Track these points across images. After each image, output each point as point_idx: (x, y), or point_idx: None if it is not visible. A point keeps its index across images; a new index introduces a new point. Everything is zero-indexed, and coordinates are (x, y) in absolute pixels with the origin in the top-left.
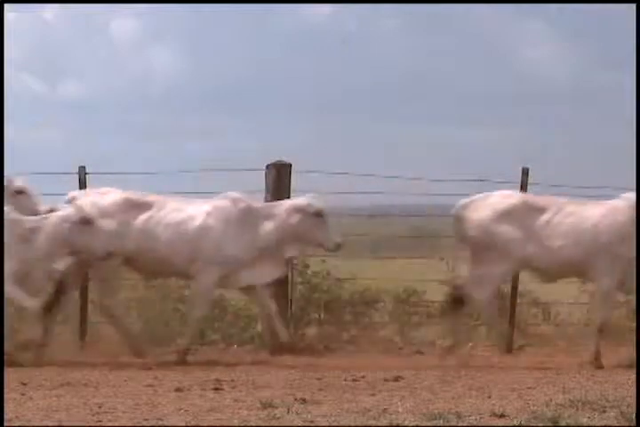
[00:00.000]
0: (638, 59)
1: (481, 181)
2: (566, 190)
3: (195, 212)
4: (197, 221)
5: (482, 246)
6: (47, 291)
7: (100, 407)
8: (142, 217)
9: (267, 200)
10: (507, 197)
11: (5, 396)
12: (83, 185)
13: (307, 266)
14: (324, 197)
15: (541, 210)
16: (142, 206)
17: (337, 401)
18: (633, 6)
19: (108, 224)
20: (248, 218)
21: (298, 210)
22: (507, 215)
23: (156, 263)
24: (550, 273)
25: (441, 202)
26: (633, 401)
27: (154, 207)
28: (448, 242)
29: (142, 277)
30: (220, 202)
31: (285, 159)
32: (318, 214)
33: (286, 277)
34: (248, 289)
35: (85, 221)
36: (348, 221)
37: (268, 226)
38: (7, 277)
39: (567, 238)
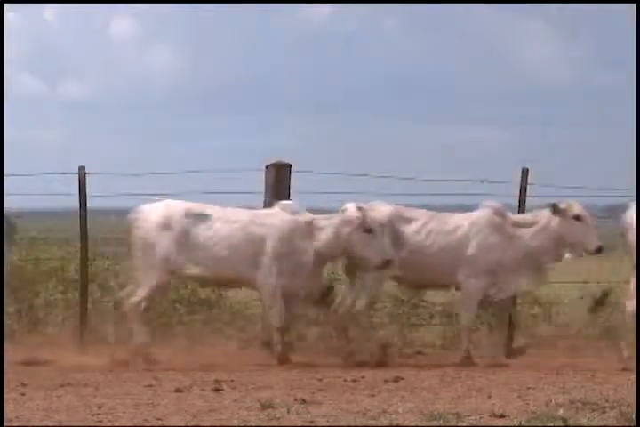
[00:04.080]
0: (638, 59)
1: (481, 181)
2: (566, 190)
3: (460, 222)
4: (462, 231)
5: None
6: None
7: (99, 408)
8: (411, 229)
9: (266, 200)
10: None
11: (5, 396)
12: (83, 185)
13: None
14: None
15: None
16: (409, 219)
17: (337, 401)
18: (633, 6)
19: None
20: (508, 227)
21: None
22: None
23: (423, 273)
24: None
25: (441, 202)
26: (633, 402)
27: (419, 220)
28: None
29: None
30: (482, 212)
31: (285, 159)
32: (578, 218)
33: None
34: None
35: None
36: None
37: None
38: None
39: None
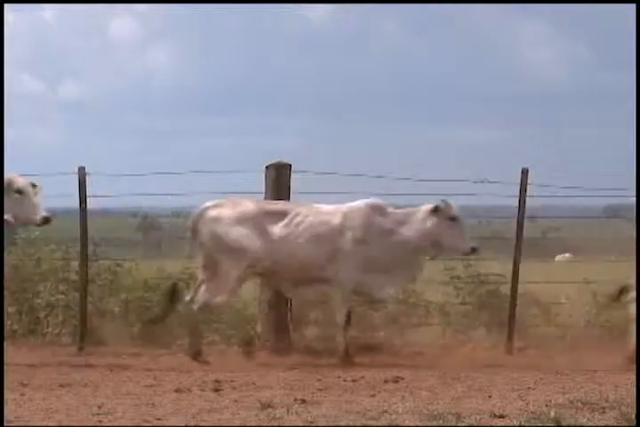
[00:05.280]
0: (638, 59)
1: (481, 181)
2: (566, 190)
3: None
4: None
5: None
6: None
7: (99, 408)
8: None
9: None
10: None
11: (5, 396)
12: (83, 185)
13: None
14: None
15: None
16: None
17: (337, 402)
18: (633, 6)
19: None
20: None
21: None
22: None
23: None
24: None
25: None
26: (633, 402)
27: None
28: None
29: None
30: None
31: (285, 160)
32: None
33: None
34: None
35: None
36: None
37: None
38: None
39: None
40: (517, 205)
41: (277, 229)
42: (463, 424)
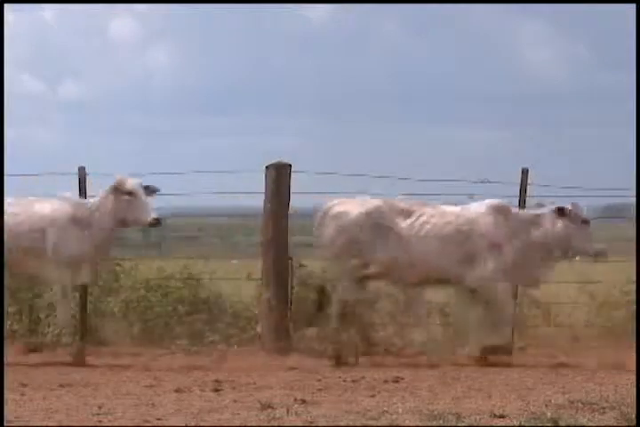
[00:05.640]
0: (638, 59)
1: (481, 181)
2: (566, 190)
3: None
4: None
5: None
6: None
7: (99, 408)
8: None
9: (266, 201)
10: None
11: (5, 396)
12: (83, 185)
13: (305, 266)
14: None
15: None
16: None
17: (337, 402)
18: (633, 6)
19: None
20: None
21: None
22: None
23: None
24: None
25: (441, 202)
26: (633, 402)
27: None
28: None
29: None
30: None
31: (285, 160)
32: (584, 221)
33: (286, 277)
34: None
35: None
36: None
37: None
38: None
39: None
40: (518, 204)
41: (402, 229)
42: (463, 424)
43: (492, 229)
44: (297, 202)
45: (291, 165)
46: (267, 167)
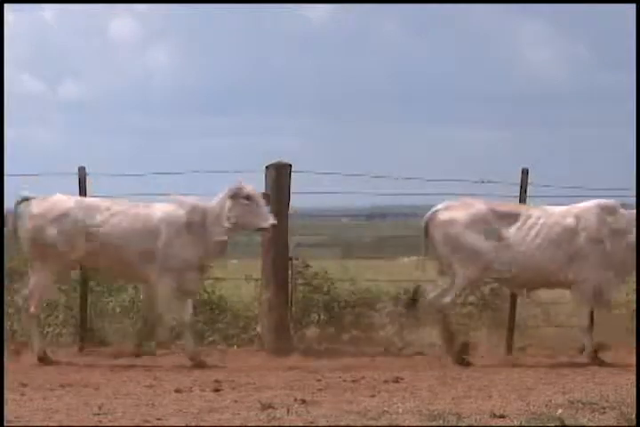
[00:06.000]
0: (638, 59)
1: (481, 181)
2: (566, 190)
3: None
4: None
5: None
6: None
7: (100, 408)
8: None
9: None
10: None
11: (6, 396)
12: (83, 185)
13: (307, 266)
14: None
15: None
16: None
17: (337, 402)
18: (633, 6)
19: None
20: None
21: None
22: None
23: None
24: None
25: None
26: (633, 402)
27: None
28: None
29: None
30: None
31: (285, 160)
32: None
33: (286, 277)
34: None
35: None
36: (348, 222)
37: None
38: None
39: None
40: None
41: (511, 232)
42: (463, 424)
43: (596, 227)
44: (297, 202)
45: (291, 165)
46: (267, 167)
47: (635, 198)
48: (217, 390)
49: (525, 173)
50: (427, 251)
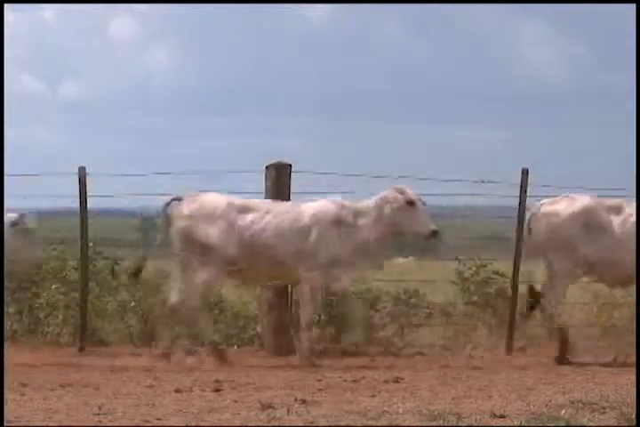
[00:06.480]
0: (638, 59)
1: (482, 181)
2: (566, 190)
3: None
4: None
5: None
6: None
7: (100, 408)
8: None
9: None
10: None
11: (5, 396)
12: (83, 186)
13: None
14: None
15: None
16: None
17: (337, 402)
18: (633, 6)
19: None
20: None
21: None
22: None
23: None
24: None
25: (442, 202)
26: (633, 402)
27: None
28: (457, 243)
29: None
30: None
31: (285, 160)
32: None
33: None
34: None
35: None
36: None
37: None
38: None
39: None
40: (518, 205)
41: (615, 227)
42: (463, 424)
43: None
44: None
45: (291, 165)
46: (267, 167)
47: (635, 198)
48: (217, 390)
49: (525, 173)
50: (529, 250)
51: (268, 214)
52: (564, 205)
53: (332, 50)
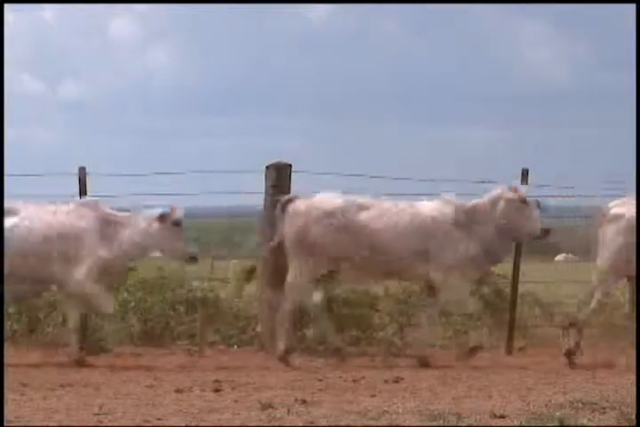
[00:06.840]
0: (638, 59)
1: (482, 181)
2: (566, 190)
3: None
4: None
5: None
6: None
7: (100, 408)
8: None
9: (266, 201)
10: None
11: (5, 396)
12: (83, 185)
13: None
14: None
15: None
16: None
17: (337, 402)
18: (633, 6)
19: None
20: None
21: None
22: None
23: None
24: None
25: None
26: (633, 402)
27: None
28: None
29: None
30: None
31: (285, 160)
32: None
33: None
34: None
35: None
36: None
37: None
38: None
39: None
40: None
41: None
42: (463, 424)
43: None
44: None
45: (291, 165)
46: (267, 167)
47: (634, 198)
48: (217, 390)
49: (525, 173)
50: (595, 252)
51: (382, 214)
52: (629, 209)
53: (331, 50)
